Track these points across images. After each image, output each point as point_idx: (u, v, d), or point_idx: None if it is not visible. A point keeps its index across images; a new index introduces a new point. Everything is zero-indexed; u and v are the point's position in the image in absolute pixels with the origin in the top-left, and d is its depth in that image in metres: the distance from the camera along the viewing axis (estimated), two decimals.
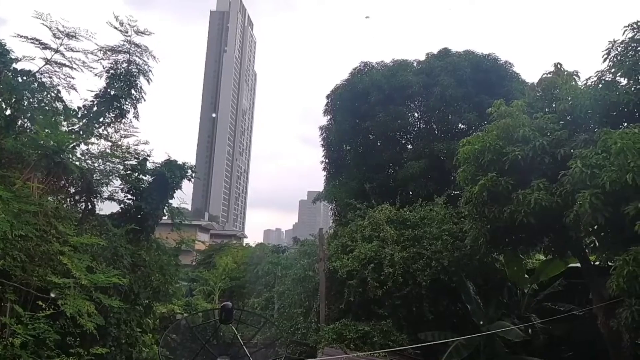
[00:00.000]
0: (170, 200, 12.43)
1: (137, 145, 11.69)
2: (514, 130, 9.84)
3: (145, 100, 11.88)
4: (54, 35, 10.16)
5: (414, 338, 11.87)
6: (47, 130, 9.14)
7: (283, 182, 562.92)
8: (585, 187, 8.07)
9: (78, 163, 9.96)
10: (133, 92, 11.56)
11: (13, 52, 9.78)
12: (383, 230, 14.05)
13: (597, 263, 10.39)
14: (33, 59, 10.04)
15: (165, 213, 12.51)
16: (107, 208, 11.91)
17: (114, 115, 11.33)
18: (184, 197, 13.30)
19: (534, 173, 9.55)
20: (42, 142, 8.98)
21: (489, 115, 11.23)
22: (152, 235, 12.27)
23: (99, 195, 11.15)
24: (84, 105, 11.13)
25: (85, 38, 10.47)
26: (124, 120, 11.58)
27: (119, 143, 11.40)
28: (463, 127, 21.42)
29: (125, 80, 11.39)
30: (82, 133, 10.66)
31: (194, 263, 37.91)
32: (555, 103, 10.33)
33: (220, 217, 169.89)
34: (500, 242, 10.94)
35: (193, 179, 12.99)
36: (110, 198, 11.64)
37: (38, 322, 7.64)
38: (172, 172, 11.92)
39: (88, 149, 10.73)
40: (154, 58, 11.87)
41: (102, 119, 11.17)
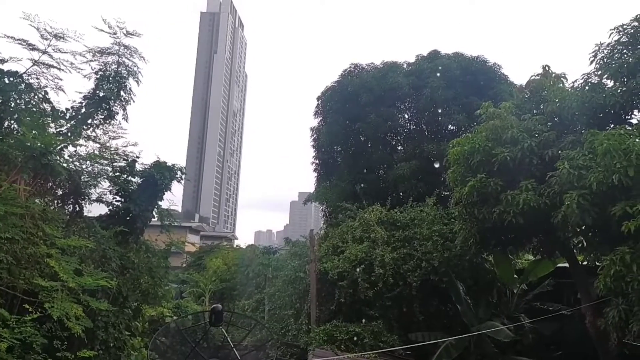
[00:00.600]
0: (160, 202, 12.34)
1: (125, 147, 11.61)
2: (503, 132, 9.92)
3: (135, 102, 11.78)
4: (42, 36, 10.04)
5: (405, 339, 11.91)
6: (34, 132, 9.03)
7: (274, 183, 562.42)
8: (573, 188, 8.17)
9: (66, 165, 9.86)
10: (122, 93, 11.46)
11: (0, 52, 9.68)
12: (374, 231, 14.08)
13: (584, 263, 10.50)
14: (20, 60, 9.93)
15: (155, 215, 12.42)
16: (95, 210, 11.81)
17: (103, 117, 11.23)
18: (174, 198, 13.21)
19: (523, 174, 9.63)
20: (29, 143, 8.87)
21: (478, 117, 11.32)
22: (141, 237, 12.18)
23: (87, 197, 11.04)
24: (72, 107, 11.02)
25: (74, 39, 10.36)
26: (113, 122, 11.48)
27: (108, 145, 11.31)
28: (453, 128, 21.58)
29: (114, 82, 11.30)
30: (70, 135, 10.56)
31: (184, 265, 37.68)
32: (543, 105, 10.43)
33: (211, 218, 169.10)
34: (490, 242, 11.01)
35: (183, 181, 12.92)
36: (99, 200, 11.53)
37: (24, 325, 7.53)
38: (161, 173, 11.84)
39: (76, 151, 10.64)
40: (144, 59, 11.79)
41: (90, 121, 11.06)
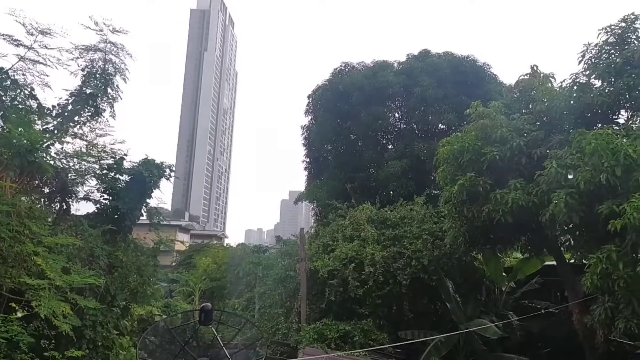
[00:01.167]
0: (148, 200, 12.24)
1: (113, 145, 11.50)
2: (492, 131, 9.99)
3: (122, 99, 11.69)
4: (28, 32, 9.92)
5: (394, 337, 11.95)
6: (20, 129, 8.92)
7: (265, 181, 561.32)
8: (561, 186, 8.25)
9: (52, 162, 9.76)
10: (109, 90, 11.35)
11: None
12: (364, 230, 14.10)
13: (572, 261, 10.61)
14: (5, 56, 9.80)
15: (143, 213, 12.32)
16: (83, 208, 11.69)
17: (90, 114, 11.11)
18: (163, 197, 13.12)
19: (512, 173, 9.71)
20: (15, 140, 8.76)
21: (468, 116, 11.38)
22: (129, 236, 12.07)
23: (74, 195, 10.93)
24: (59, 104, 10.89)
25: (60, 35, 10.24)
26: (100, 119, 11.37)
27: (95, 142, 11.19)
28: (443, 127, 21.66)
29: (101, 79, 11.19)
30: (56, 132, 10.43)
31: (174, 264, 37.46)
32: (532, 104, 10.52)
33: (201, 217, 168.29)
34: (479, 240, 11.08)
35: (172, 179, 12.81)
36: (86, 198, 11.41)
37: (11, 324, 7.44)
38: (149, 171, 11.74)
39: (63, 148, 10.52)
40: (131, 56, 11.68)
41: (77, 118, 10.94)
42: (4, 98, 9.80)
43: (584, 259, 8.56)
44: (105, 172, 11.54)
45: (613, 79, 9.26)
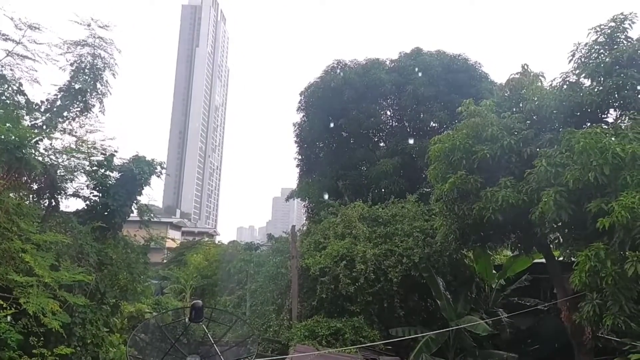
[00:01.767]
0: (139, 197, 12.14)
1: (103, 141, 11.35)
2: (483, 129, 10.03)
3: (112, 95, 11.56)
4: (16, 27, 9.76)
5: (385, 334, 12.00)
6: (8, 125, 8.79)
7: (256, 179, 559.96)
8: (550, 185, 8.32)
9: (41, 158, 9.63)
10: (99, 85, 11.21)
11: None
12: (355, 228, 14.13)
13: (561, 259, 10.70)
14: None
15: (134, 210, 12.22)
16: (72, 205, 11.57)
17: (79, 110, 10.97)
18: (154, 194, 13.05)
19: (502, 171, 9.77)
20: (2, 136, 8.63)
21: (460, 114, 11.42)
22: (119, 233, 11.96)
23: (64, 192, 10.79)
24: (47, 99, 10.74)
25: (49, 30, 10.10)
26: (90, 115, 11.22)
27: (84, 138, 11.04)
28: (435, 125, 21.74)
29: (90, 74, 11.05)
30: (45, 127, 10.30)
31: (165, 261, 37.31)
32: (523, 103, 10.58)
33: (193, 214, 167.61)
34: (470, 238, 11.14)
35: (164, 176, 12.72)
36: (75, 195, 11.28)
37: None
38: (140, 168, 11.64)
39: (52, 144, 10.35)
40: (119, 51, 11.55)
41: (66, 114, 10.79)
42: None
43: (573, 257, 8.62)
44: (95, 168, 11.41)
45: (602, 79, 9.34)
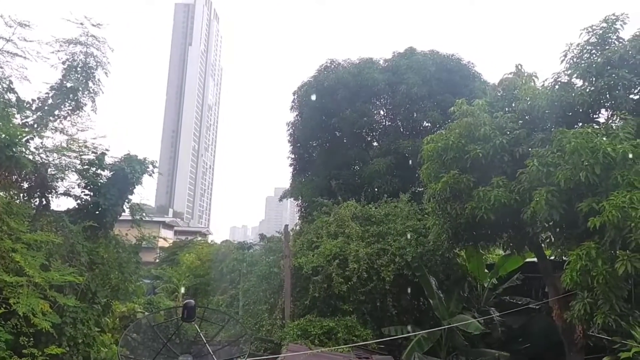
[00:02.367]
0: (131, 196, 12.05)
1: (95, 140, 11.28)
2: (476, 129, 10.06)
3: (104, 93, 11.47)
4: (6, 24, 9.66)
5: (378, 333, 12.03)
6: None
7: (250, 178, 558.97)
8: (542, 184, 8.37)
9: (32, 157, 9.55)
10: (91, 84, 11.13)
11: None
12: (348, 227, 14.14)
13: (552, 258, 10.77)
14: None
15: (125, 209, 12.14)
16: (63, 204, 11.47)
17: (70, 108, 10.88)
18: (146, 193, 12.98)
19: (494, 171, 9.81)
20: None
21: (452, 114, 11.45)
22: (111, 232, 11.87)
23: (54, 191, 10.70)
24: (39, 98, 10.65)
25: (40, 28, 10.01)
26: (82, 114, 11.14)
27: (76, 137, 10.96)
28: (428, 125, 21.79)
29: (82, 72, 10.96)
30: (36, 126, 10.22)
31: (157, 260, 37.10)
32: (515, 103, 10.62)
33: (185, 213, 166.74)
34: (462, 237, 11.18)
35: (156, 175, 12.64)
36: (66, 194, 11.18)
37: None
38: (132, 167, 11.55)
39: (42, 143, 10.27)
40: (112, 50, 11.48)
41: (57, 112, 10.70)
42: None
43: (564, 256, 8.68)
44: (87, 167, 11.31)
45: (594, 79, 9.39)
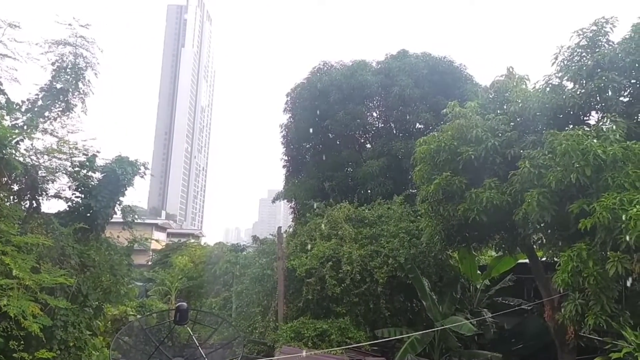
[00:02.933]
0: (122, 198, 11.96)
1: (85, 141, 11.16)
2: (468, 131, 10.11)
3: (94, 94, 11.37)
4: None
5: (371, 335, 12.03)
6: None
7: (243, 180, 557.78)
8: (533, 186, 8.42)
9: (22, 159, 9.44)
10: (81, 85, 11.01)
11: None
12: (341, 229, 14.14)
13: (544, 259, 10.84)
14: None
15: (117, 211, 12.05)
16: (54, 206, 11.35)
17: (61, 110, 10.75)
18: (138, 195, 12.89)
19: (486, 172, 9.86)
20: None
21: (445, 116, 11.50)
22: (102, 234, 11.76)
23: (45, 193, 10.58)
24: (29, 99, 10.52)
25: (30, 28, 9.91)
26: (72, 115, 11.02)
27: (66, 139, 10.84)
28: (420, 126, 21.85)
29: (72, 73, 10.85)
30: (26, 128, 10.08)
31: (150, 262, 36.86)
32: (507, 105, 10.69)
33: (178, 215, 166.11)
34: (455, 239, 11.23)
35: (148, 177, 12.55)
36: (57, 196, 11.06)
37: None
38: (123, 168, 11.45)
39: (32, 145, 10.16)
40: (101, 51, 11.39)
41: (47, 114, 10.58)
42: None
43: (556, 257, 8.73)
44: (77, 169, 11.20)
45: (584, 81, 9.46)
